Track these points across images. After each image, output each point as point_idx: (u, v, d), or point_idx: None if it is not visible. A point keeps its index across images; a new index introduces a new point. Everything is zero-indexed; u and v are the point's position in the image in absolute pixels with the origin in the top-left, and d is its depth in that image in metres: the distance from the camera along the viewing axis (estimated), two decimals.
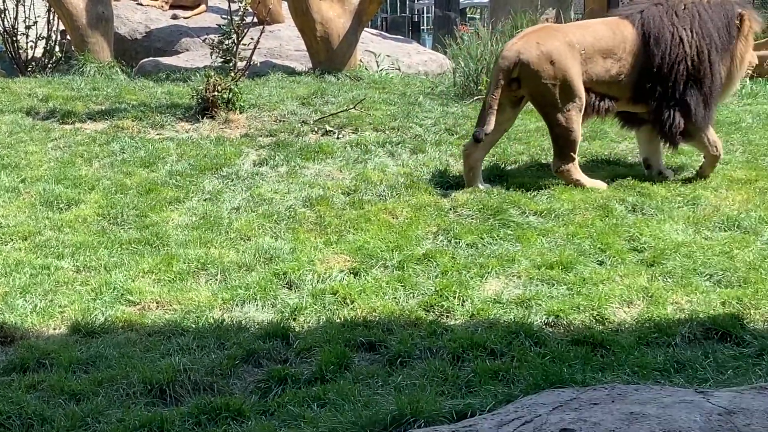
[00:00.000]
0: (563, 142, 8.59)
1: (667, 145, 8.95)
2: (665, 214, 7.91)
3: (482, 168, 8.82)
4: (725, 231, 7.56)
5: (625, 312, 6.09)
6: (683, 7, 8.71)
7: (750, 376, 4.76)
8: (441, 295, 6.26)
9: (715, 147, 8.85)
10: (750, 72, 10.42)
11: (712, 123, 9.11)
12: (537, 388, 4.49)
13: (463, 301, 6.20)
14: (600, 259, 6.99)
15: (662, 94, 8.69)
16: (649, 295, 6.29)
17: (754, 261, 6.84)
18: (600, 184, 8.62)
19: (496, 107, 8.44)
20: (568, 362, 5.10)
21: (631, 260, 6.97)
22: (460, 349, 5.37)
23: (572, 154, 8.64)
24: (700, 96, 8.70)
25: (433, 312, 6.08)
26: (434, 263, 6.87)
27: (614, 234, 7.41)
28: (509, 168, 9.19)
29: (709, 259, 6.89)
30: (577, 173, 8.66)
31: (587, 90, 8.62)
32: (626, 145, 10.21)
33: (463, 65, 12.58)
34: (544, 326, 5.81)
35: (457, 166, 9.16)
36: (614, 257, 6.98)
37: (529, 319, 5.85)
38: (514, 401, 4.02)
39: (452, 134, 10.37)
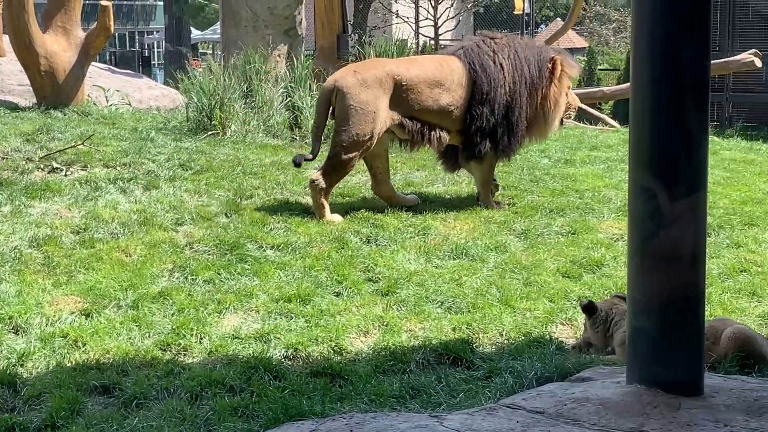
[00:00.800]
0: (335, 164, 8.93)
1: (464, 157, 9.45)
2: (398, 245, 8.13)
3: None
4: (454, 259, 7.87)
5: (362, 341, 6.20)
6: (501, 41, 9.41)
7: (480, 398, 4.96)
8: (178, 334, 6.14)
9: (487, 183, 9.50)
10: (572, 114, 10.97)
11: (511, 156, 9.77)
12: (277, 422, 4.48)
13: (201, 339, 6.11)
14: (337, 290, 7.09)
15: (481, 122, 9.19)
16: (385, 323, 6.44)
17: (481, 287, 7.15)
18: (337, 218, 8.83)
19: (320, 134, 9.03)
20: (308, 394, 5.13)
21: (367, 290, 7.12)
22: (198, 387, 5.28)
23: (334, 178, 9.00)
24: (507, 126, 9.29)
25: (170, 351, 5.95)
26: (170, 301, 6.74)
27: (350, 265, 7.54)
28: (245, 202, 9.17)
29: (440, 286, 7.14)
30: (325, 200, 8.88)
31: (414, 119, 9.05)
32: (359, 178, 10.45)
33: (195, 100, 12.47)
34: (283, 359, 5.82)
35: (192, 202, 9.04)
36: (351, 288, 7.10)
37: (268, 353, 5.84)
38: None
39: (186, 169, 10.23)
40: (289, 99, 13.01)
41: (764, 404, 4.04)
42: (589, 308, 5.96)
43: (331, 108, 8.97)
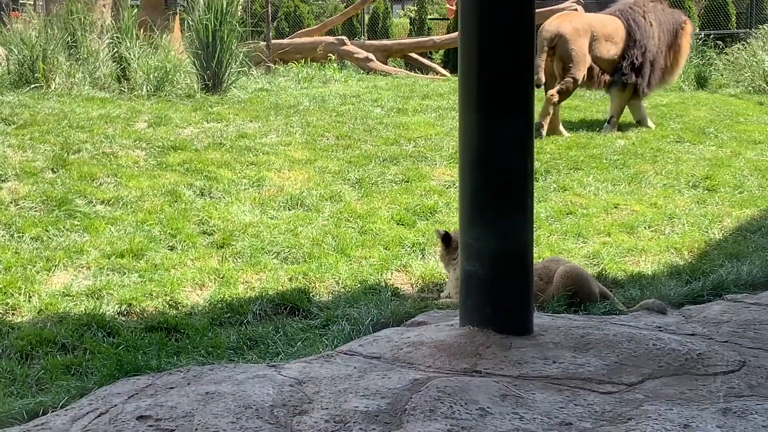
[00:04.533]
0: (566, 89, 11.62)
1: (609, 84, 12.03)
2: (233, 197, 8.07)
3: None
4: (290, 210, 7.86)
5: (198, 295, 6.14)
6: (650, 9, 12.10)
7: (318, 346, 4.99)
8: (5, 293, 5.92)
9: (620, 111, 12.17)
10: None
11: (648, 93, 12.37)
12: (112, 379, 4.39)
13: (30, 297, 5.92)
14: (171, 244, 6.99)
15: (636, 68, 11.88)
16: (221, 276, 6.39)
17: (317, 237, 7.18)
18: (565, 133, 11.45)
19: (543, 66, 11.45)
20: (143, 349, 5.05)
21: (202, 243, 7.04)
22: (28, 346, 5.12)
23: (564, 98, 11.67)
24: (650, 67, 11.99)
25: None
26: None
27: (184, 219, 7.44)
28: (73, 157, 8.88)
29: (275, 237, 7.13)
30: (553, 112, 11.52)
31: (596, 64, 11.72)
32: (191, 130, 10.28)
33: (16, 52, 11.98)
34: (117, 315, 5.71)
35: (16, 157, 8.70)
36: (185, 242, 7.01)
37: (101, 310, 5.71)
38: (88, 394, 3.91)
39: (9, 124, 9.82)
40: (115, 50, 12.64)
41: (590, 340, 4.21)
42: (446, 239, 6.06)
43: (550, 47, 11.47)
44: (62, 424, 3.45)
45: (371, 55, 17.70)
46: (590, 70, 11.78)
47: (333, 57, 17.44)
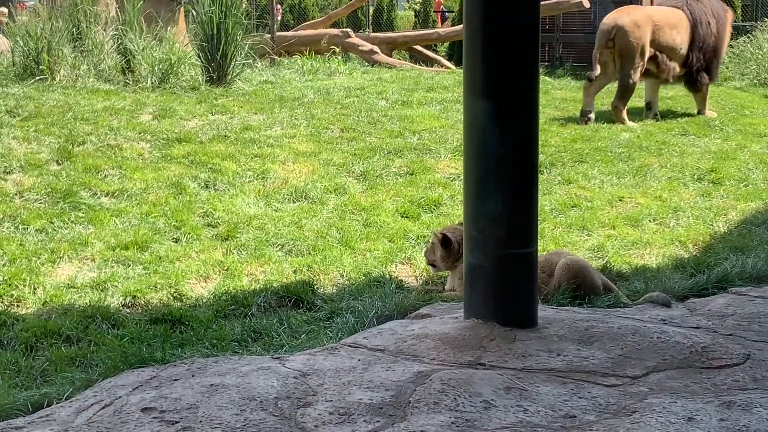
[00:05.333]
0: (624, 89, 12.00)
1: (689, 89, 12.72)
2: (237, 189, 8.07)
3: None
4: (294, 202, 7.86)
5: (202, 287, 6.14)
6: (706, 4, 12.53)
7: (322, 339, 4.99)
8: (10, 285, 5.94)
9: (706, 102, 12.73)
10: None
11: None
12: (116, 370, 4.40)
13: (35, 289, 5.93)
14: (175, 236, 6.99)
15: (699, 60, 12.30)
16: (225, 268, 6.40)
17: (322, 229, 7.18)
18: (633, 124, 11.72)
19: (599, 58, 11.99)
20: (148, 341, 5.05)
21: (207, 236, 7.05)
22: (33, 338, 5.13)
23: (627, 98, 12.03)
24: (715, 62, 12.60)
25: (3, 302, 5.76)
26: (1, 251, 6.50)
27: (189, 211, 7.44)
28: (77, 149, 8.88)
29: (280, 230, 7.13)
30: (624, 113, 11.94)
31: (661, 53, 12.12)
32: (196, 122, 10.28)
33: (22, 44, 11.98)
34: (121, 307, 5.71)
35: (21, 149, 8.71)
36: (189, 234, 7.02)
37: (106, 302, 5.72)
38: (93, 386, 3.92)
39: (14, 116, 9.83)
40: (120, 42, 12.64)
41: (594, 333, 4.20)
42: (446, 242, 5.94)
43: (608, 39, 11.91)
44: (67, 416, 3.45)
45: (376, 48, 17.68)
46: (654, 58, 12.08)
47: (338, 49, 17.42)
